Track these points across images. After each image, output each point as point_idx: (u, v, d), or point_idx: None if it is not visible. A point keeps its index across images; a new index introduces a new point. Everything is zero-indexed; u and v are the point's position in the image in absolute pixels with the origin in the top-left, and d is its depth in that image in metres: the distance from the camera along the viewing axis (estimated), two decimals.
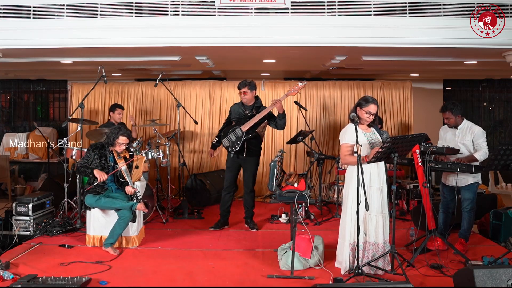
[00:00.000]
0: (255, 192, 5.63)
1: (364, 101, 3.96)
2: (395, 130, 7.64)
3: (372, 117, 3.95)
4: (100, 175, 4.60)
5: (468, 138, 4.55)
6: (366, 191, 3.63)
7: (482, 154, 4.43)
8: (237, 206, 5.93)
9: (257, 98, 5.42)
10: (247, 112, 5.34)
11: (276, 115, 5.25)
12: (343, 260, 3.95)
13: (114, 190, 4.79)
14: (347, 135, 3.91)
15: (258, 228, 5.49)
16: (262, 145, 7.48)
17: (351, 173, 3.93)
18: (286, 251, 4.13)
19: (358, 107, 3.97)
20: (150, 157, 5.92)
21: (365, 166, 3.78)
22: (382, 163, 3.94)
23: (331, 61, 6.35)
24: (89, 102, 7.62)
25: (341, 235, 4.02)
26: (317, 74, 8.39)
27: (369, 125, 4.02)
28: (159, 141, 6.37)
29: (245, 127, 5.23)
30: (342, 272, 3.93)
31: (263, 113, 5.17)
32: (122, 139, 4.72)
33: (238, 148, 5.26)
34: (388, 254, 3.95)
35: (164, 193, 6.57)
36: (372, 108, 3.92)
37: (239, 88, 5.35)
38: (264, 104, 5.60)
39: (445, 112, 4.62)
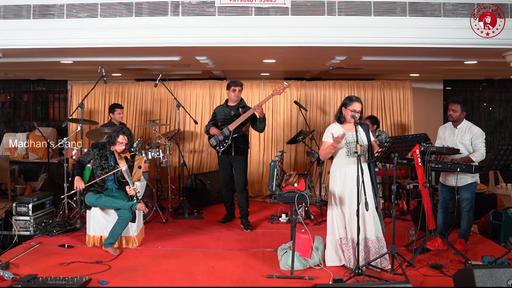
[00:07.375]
0: (247, 191, 5.72)
1: (348, 101, 4.12)
2: (395, 130, 7.63)
3: (358, 115, 4.03)
4: (78, 183, 4.63)
5: (467, 138, 4.55)
6: (347, 188, 3.84)
7: (478, 155, 4.44)
8: (236, 206, 5.92)
9: (241, 99, 5.60)
10: (232, 112, 5.50)
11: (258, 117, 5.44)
12: (327, 254, 4.11)
13: (115, 190, 4.80)
14: (326, 133, 4.14)
15: (252, 228, 5.50)
16: (262, 145, 7.61)
17: (334, 169, 4.14)
18: (286, 251, 4.13)
19: (343, 107, 4.12)
20: (150, 157, 5.93)
21: (344, 162, 4.02)
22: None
23: (331, 61, 6.34)
24: (89, 102, 7.62)
25: (328, 231, 4.18)
26: (317, 74, 8.38)
27: (361, 123, 4.08)
28: (159, 141, 6.37)
29: (232, 126, 5.39)
30: (327, 265, 4.07)
31: (248, 114, 5.37)
32: (121, 138, 4.74)
33: (226, 146, 5.40)
34: (388, 254, 3.96)
35: (164, 193, 6.57)
36: (356, 106, 4.05)
37: (232, 86, 5.46)
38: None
39: (454, 103, 4.61)
